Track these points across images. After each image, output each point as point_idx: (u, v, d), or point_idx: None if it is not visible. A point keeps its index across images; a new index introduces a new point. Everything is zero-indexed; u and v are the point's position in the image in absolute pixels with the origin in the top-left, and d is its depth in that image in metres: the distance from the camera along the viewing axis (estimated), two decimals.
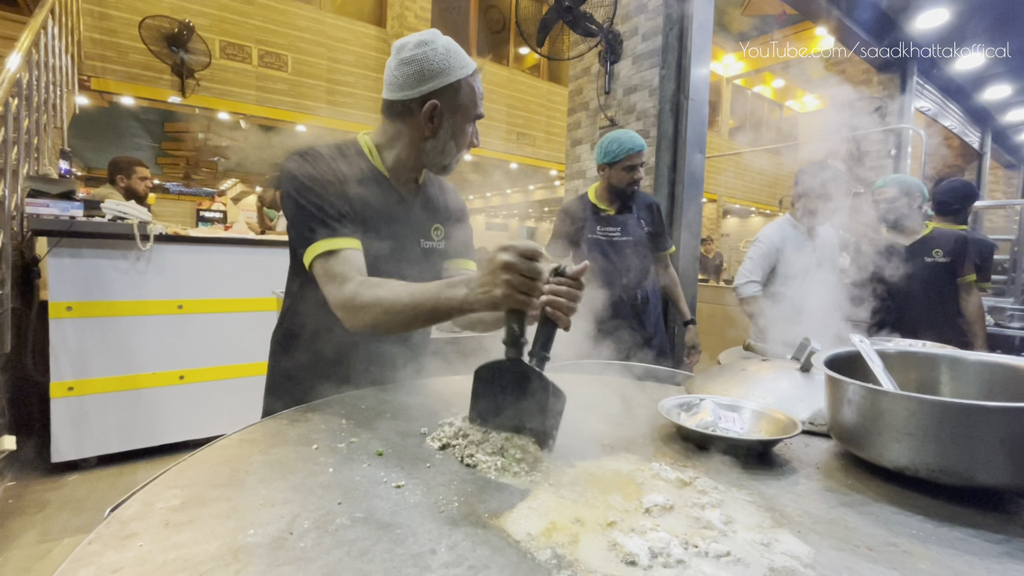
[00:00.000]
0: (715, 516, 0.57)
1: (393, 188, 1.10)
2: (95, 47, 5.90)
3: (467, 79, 1.03)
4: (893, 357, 0.89)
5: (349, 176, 1.03)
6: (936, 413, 0.63)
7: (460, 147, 1.08)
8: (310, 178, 0.97)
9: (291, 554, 0.48)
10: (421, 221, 1.15)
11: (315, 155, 1.01)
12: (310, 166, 0.99)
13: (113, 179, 3.52)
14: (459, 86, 1.02)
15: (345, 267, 0.93)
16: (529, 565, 0.48)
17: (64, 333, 2.45)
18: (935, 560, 0.51)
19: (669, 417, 0.83)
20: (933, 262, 2.39)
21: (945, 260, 2.36)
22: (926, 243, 2.41)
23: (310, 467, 0.66)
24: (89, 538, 0.49)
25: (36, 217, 2.34)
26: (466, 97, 1.04)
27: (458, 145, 1.08)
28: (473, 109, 1.06)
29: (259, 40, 6.97)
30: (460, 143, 1.08)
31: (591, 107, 3.68)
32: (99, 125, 8.34)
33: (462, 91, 1.03)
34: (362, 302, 0.87)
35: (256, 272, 2.94)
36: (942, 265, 2.37)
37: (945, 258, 2.36)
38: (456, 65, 1.02)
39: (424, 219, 1.15)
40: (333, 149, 1.06)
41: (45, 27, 3.45)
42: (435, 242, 1.17)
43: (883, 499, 0.65)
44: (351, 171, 1.04)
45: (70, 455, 2.49)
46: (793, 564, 0.49)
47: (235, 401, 2.90)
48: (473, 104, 1.06)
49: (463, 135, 1.07)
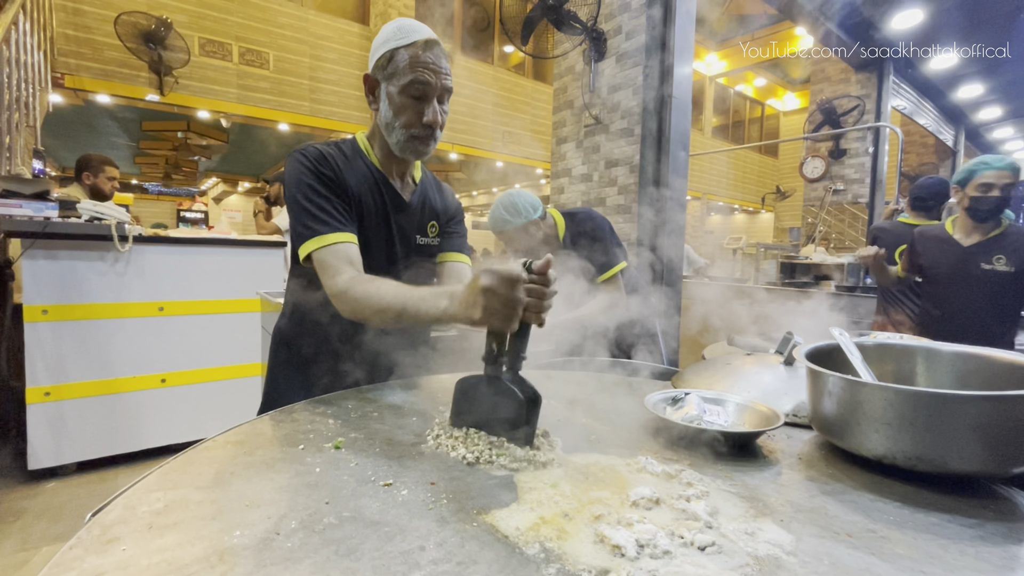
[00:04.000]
0: (700, 507, 0.58)
1: (389, 184, 1.12)
2: (69, 43, 5.74)
3: (403, 47, 1.00)
4: (871, 349, 0.91)
5: (347, 173, 1.05)
6: (912, 402, 0.65)
7: (407, 124, 1.03)
8: (308, 175, 1.01)
9: (278, 554, 0.47)
10: (417, 218, 1.16)
11: (314, 153, 1.04)
12: (308, 164, 1.02)
13: (79, 176, 3.42)
14: (392, 54, 1.01)
15: (337, 260, 0.95)
16: (518, 559, 0.48)
17: (40, 337, 2.38)
18: (911, 544, 0.53)
19: (655, 412, 0.84)
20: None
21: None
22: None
23: (296, 467, 0.66)
24: (70, 543, 0.48)
25: (9, 218, 2.27)
26: (399, 65, 1.00)
27: (402, 121, 1.03)
28: (405, 76, 1.00)
29: (239, 37, 6.85)
30: (403, 118, 1.03)
31: (576, 105, 3.69)
32: (74, 124, 8.13)
33: (395, 58, 1.01)
34: (353, 296, 0.90)
35: (239, 273, 2.89)
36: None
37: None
38: (396, 36, 1.01)
39: (420, 216, 1.17)
40: (332, 147, 1.08)
41: (16, 23, 3.35)
42: (430, 239, 1.19)
43: (862, 487, 0.67)
44: (349, 168, 1.06)
45: (48, 462, 2.43)
46: (776, 552, 0.51)
47: (219, 404, 2.85)
48: (406, 71, 1.00)
49: (403, 109, 1.02)
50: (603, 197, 3.49)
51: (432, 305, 0.81)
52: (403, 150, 1.07)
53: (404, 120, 1.03)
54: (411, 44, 1.00)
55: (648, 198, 3.17)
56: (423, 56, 1.00)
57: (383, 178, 1.11)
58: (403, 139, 1.05)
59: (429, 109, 1.03)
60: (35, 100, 4.04)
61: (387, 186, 1.11)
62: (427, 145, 1.06)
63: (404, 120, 1.03)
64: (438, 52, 1.02)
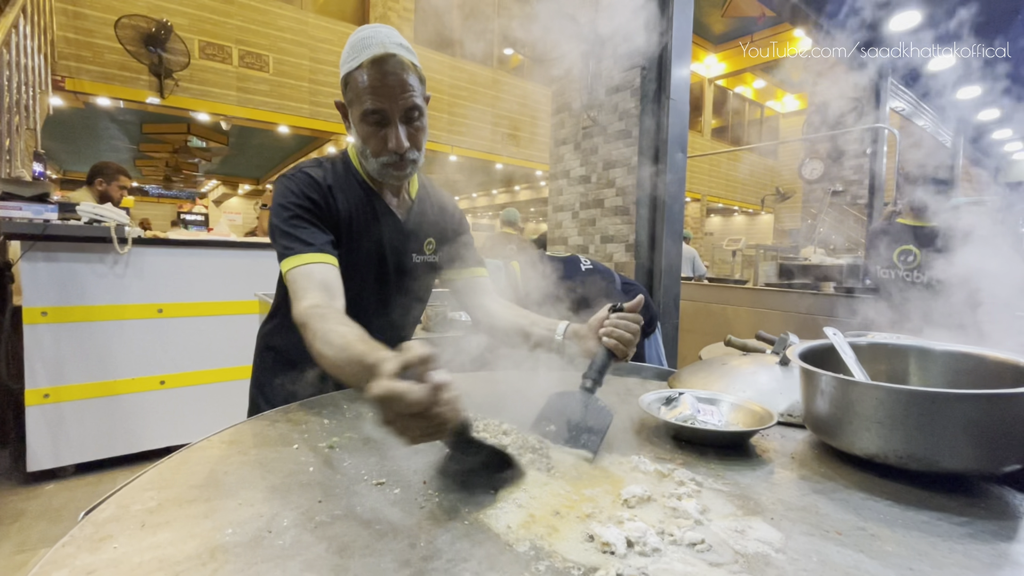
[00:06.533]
0: (691, 506, 0.58)
1: (382, 201, 1.08)
2: (69, 47, 5.76)
3: (355, 70, 0.94)
4: (865, 349, 0.91)
5: (338, 193, 1.02)
6: (903, 401, 0.65)
7: (375, 151, 0.98)
8: (292, 197, 0.98)
9: (270, 552, 0.48)
10: (413, 234, 1.12)
11: (302, 178, 1.00)
12: (294, 187, 0.99)
13: (92, 181, 3.46)
14: (347, 79, 0.97)
15: (306, 282, 0.89)
16: (508, 557, 0.48)
17: (39, 339, 2.39)
18: (900, 542, 0.53)
19: (649, 411, 0.84)
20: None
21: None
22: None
23: (290, 467, 0.66)
24: (63, 541, 0.48)
25: (8, 220, 2.28)
26: (352, 92, 0.96)
27: (371, 148, 0.99)
28: (361, 103, 0.95)
29: (239, 40, 6.87)
30: (370, 146, 0.99)
31: (574, 107, 3.70)
32: (74, 127, 8.16)
33: (348, 86, 0.97)
34: (309, 329, 0.81)
35: (238, 274, 2.90)
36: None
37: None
38: (347, 58, 0.96)
39: (416, 232, 1.13)
40: (326, 165, 1.05)
41: (16, 26, 3.37)
42: (427, 256, 1.15)
43: (854, 486, 0.67)
44: (340, 188, 1.03)
45: (47, 463, 2.43)
46: (765, 549, 0.51)
47: (217, 406, 2.86)
48: (361, 97, 0.94)
49: (368, 137, 0.98)
50: (601, 199, 3.49)
51: (359, 379, 0.66)
52: (380, 176, 1.03)
53: (372, 148, 0.99)
54: (359, 66, 0.93)
55: (646, 199, 3.18)
56: (375, 78, 0.92)
57: (375, 195, 1.07)
58: (377, 167, 1.01)
59: (392, 134, 0.96)
60: (35, 103, 4.05)
61: (380, 203, 1.07)
62: (402, 170, 1.00)
63: (372, 148, 0.99)
64: (394, 67, 0.93)
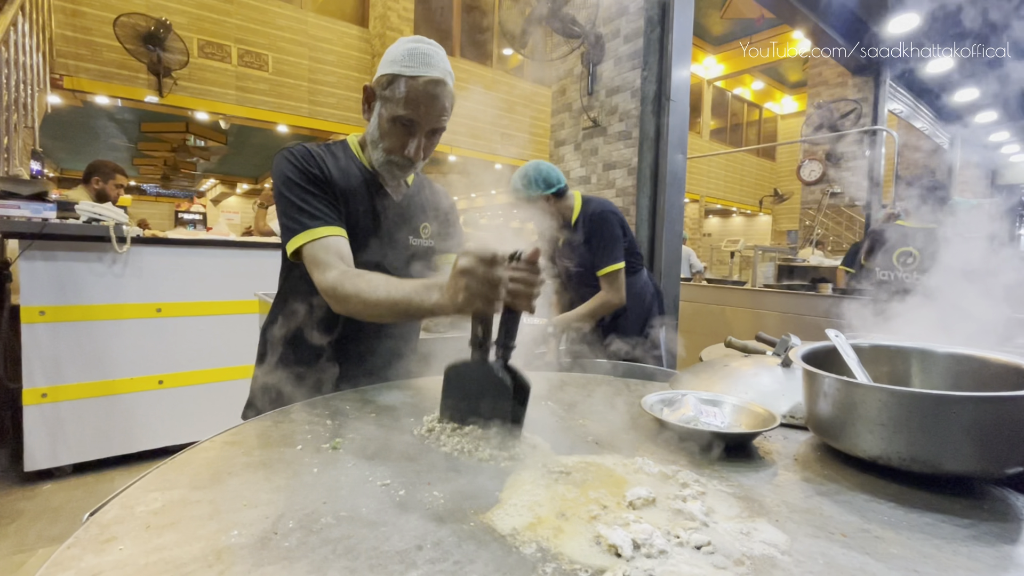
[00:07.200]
0: (696, 507, 0.58)
1: (379, 185, 1.11)
2: (68, 45, 5.74)
3: (407, 77, 0.98)
4: (867, 351, 0.91)
5: (335, 172, 1.04)
6: (906, 403, 0.66)
7: (389, 149, 1.03)
8: (295, 173, 1.00)
9: (276, 553, 0.47)
10: (410, 219, 1.16)
11: (301, 151, 1.03)
12: (296, 161, 1.01)
13: (88, 180, 3.45)
14: (393, 78, 0.99)
15: (327, 254, 0.94)
16: (515, 559, 0.48)
17: (37, 338, 2.38)
18: (905, 544, 0.53)
19: (652, 413, 0.84)
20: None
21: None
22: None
23: (294, 468, 0.66)
24: (68, 542, 0.48)
25: (6, 219, 2.27)
26: (396, 91, 0.99)
27: (386, 145, 1.03)
28: (397, 107, 0.99)
29: (239, 39, 6.86)
30: (387, 143, 1.03)
31: (574, 108, 3.70)
32: (72, 125, 8.13)
33: (394, 84, 0.99)
34: (344, 293, 0.88)
35: (237, 274, 2.89)
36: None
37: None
38: (403, 61, 0.99)
39: (413, 217, 1.16)
40: (322, 148, 1.08)
41: (15, 24, 3.35)
42: (423, 239, 1.18)
43: (857, 488, 0.67)
44: (338, 168, 1.06)
45: (44, 463, 2.42)
46: (771, 551, 0.51)
47: (216, 406, 2.85)
48: (400, 102, 0.99)
49: (389, 135, 1.03)
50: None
51: (423, 300, 0.79)
52: (382, 168, 1.07)
53: (387, 145, 1.04)
54: (415, 78, 0.98)
55: (646, 201, 3.18)
56: (423, 94, 0.98)
57: (373, 179, 1.10)
58: (382, 160, 1.06)
59: (413, 143, 1.02)
60: (33, 101, 4.04)
61: (377, 187, 1.11)
62: (404, 171, 1.07)
63: (387, 145, 1.04)
64: (441, 92, 0.99)
